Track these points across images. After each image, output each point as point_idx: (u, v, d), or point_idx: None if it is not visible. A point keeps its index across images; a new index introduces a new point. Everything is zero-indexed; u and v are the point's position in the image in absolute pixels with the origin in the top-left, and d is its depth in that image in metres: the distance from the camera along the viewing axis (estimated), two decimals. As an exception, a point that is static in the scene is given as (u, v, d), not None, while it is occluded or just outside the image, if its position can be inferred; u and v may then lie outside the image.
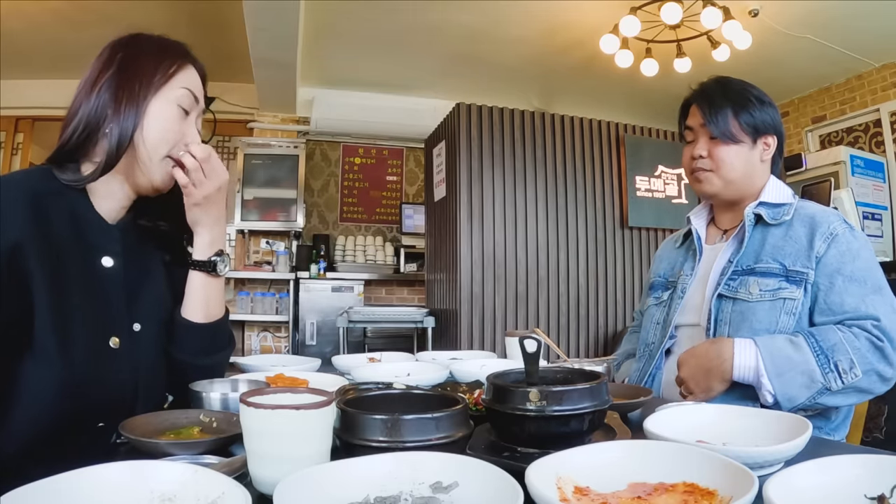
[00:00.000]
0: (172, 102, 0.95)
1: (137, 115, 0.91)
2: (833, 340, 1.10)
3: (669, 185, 3.97)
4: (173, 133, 0.95)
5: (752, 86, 1.34)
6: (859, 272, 1.16)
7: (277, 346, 5.11)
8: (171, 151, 0.95)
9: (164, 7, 3.69)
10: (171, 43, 1.00)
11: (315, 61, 4.47)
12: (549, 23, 3.86)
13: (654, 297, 1.47)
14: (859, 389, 1.09)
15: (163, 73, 0.95)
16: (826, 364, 1.08)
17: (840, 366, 1.08)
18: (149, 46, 0.97)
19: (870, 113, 4.44)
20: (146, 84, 0.93)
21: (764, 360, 1.10)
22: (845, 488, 0.54)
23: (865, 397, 1.12)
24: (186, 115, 0.97)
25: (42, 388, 0.82)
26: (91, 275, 0.91)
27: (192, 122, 0.98)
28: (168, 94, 0.95)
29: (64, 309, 0.85)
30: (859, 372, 1.07)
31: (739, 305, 1.23)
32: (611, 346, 3.67)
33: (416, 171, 5.76)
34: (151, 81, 0.93)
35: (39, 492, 0.52)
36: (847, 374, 1.07)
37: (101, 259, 0.93)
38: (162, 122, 0.94)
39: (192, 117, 0.98)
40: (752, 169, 1.32)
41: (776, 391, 1.09)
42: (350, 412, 0.66)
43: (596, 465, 0.61)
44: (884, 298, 1.15)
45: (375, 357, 1.41)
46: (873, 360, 1.08)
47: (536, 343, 0.77)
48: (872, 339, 1.09)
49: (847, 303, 1.14)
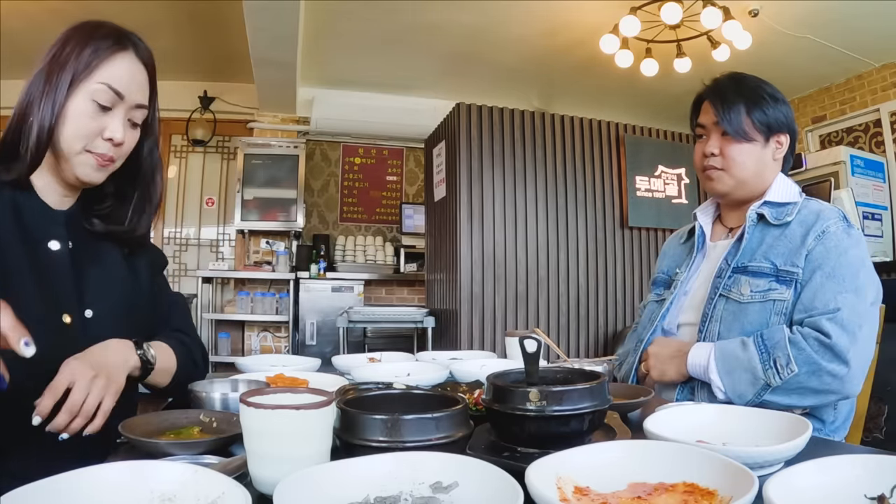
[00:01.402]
0: (88, 98, 0.93)
1: (54, 109, 0.91)
2: (776, 338, 1.11)
3: (669, 185, 3.97)
4: (87, 129, 0.93)
5: (766, 83, 1.31)
6: (840, 269, 1.14)
7: (277, 346, 5.11)
8: (88, 146, 0.94)
9: (165, 7, 3.69)
10: (107, 31, 0.97)
11: (315, 61, 4.47)
12: (550, 23, 3.86)
13: (655, 293, 1.46)
14: (813, 390, 1.08)
15: (85, 65, 0.92)
16: (767, 360, 1.10)
17: (778, 362, 1.09)
18: (83, 35, 0.95)
19: (870, 113, 4.44)
20: (66, 77, 0.92)
21: (715, 359, 1.16)
22: (845, 488, 0.54)
23: (827, 398, 1.11)
24: (105, 110, 0.95)
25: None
26: (38, 258, 0.94)
27: (115, 116, 0.95)
28: (86, 87, 0.93)
29: (12, 291, 0.84)
30: (795, 367, 1.07)
31: (732, 305, 1.23)
32: (611, 346, 3.67)
33: (416, 171, 5.76)
34: (72, 74, 0.92)
35: (39, 492, 0.52)
36: (784, 370, 1.08)
37: (47, 243, 0.96)
38: (75, 118, 0.93)
39: (115, 111, 0.95)
40: (764, 167, 1.29)
41: (725, 388, 1.14)
42: (350, 412, 0.66)
43: (596, 465, 0.61)
44: (858, 298, 1.12)
45: (375, 357, 1.41)
46: (819, 358, 1.07)
47: (536, 343, 0.77)
48: (820, 338, 1.08)
49: (818, 299, 1.13)
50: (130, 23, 1.01)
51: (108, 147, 0.96)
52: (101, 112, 0.94)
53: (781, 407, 1.06)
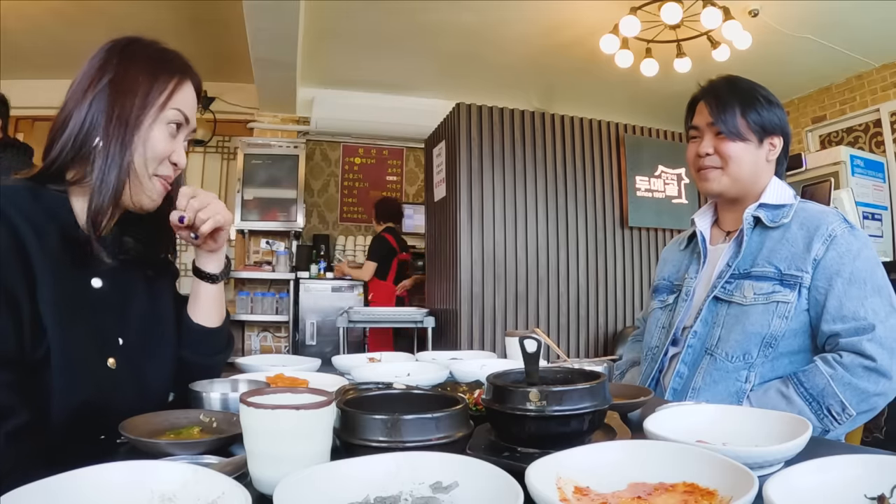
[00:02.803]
0: (163, 123, 0.93)
1: (128, 134, 0.89)
2: (821, 385, 1.11)
3: (669, 185, 3.97)
4: (163, 153, 0.94)
5: (760, 86, 1.33)
6: (859, 272, 1.15)
7: (277, 346, 5.11)
8: (157, 170, 0.94)
9: (165, 7, 3.69)
10: (170, 56, 0.97)
11: (315, 61, 4.47)
12: (550, 23, 3.86)
13: (658, 300, 1.46)
14: (863, 412, 1.11)
15: (159, 92, 0.92)
16: (819, 410, 1.11)
17: (832, 410, 1.10)
18: (145, 58, 0.94)
19: (870, 113, 4.44)
20: (141, 103, 0.90)
21: None
22: (845, 488, 0.54)
23: (874, 413, 1.13)
24: (176, 134, 0.96)
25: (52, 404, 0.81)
26: (84, 296, 0.90)
27: (180, 141, 0.97)
28: (164, 114, 0.93)
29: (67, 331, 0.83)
30: (853, 412, 1.09)
31: (734, 309, 1.23)
32: (611, 346, 3.67)
33: (416, 171, 5.76)
34: (146, 100, 0.91)
35: (39, 492, 0.52)
36: (841, 416, 1.10)
37: (90, 280, 0.92)
38: (153, 143, 0.92)
39: (180, 136, 0.97)
40: (758, 168, 1.30)
41: None
42: (350, 412, 0.66)
43: (596, 465, 0.61)
44: (882, 299, 1.15)
45: (375, 357, 1.41)
46: (867, 385, 1.09)
47: (536, 343, 0.77)
48: (865, 364, 1.09)
49: (846, 307, 1.14)
50: (131, 23, 1.01)
51: (172, 170, 0.97)
52: (175, 136, 0.96)
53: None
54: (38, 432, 0.79)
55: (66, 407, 0.81)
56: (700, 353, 1.26)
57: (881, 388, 1.09)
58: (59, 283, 0.83)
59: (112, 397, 0.88)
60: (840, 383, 1.09)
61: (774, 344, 1.18)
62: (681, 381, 1.28)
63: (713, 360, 1.23)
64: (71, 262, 0.87)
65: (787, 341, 1.18)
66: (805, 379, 1.13)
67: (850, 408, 1.09)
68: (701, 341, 1.27)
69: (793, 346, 1.19)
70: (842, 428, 1.12)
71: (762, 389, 1.17)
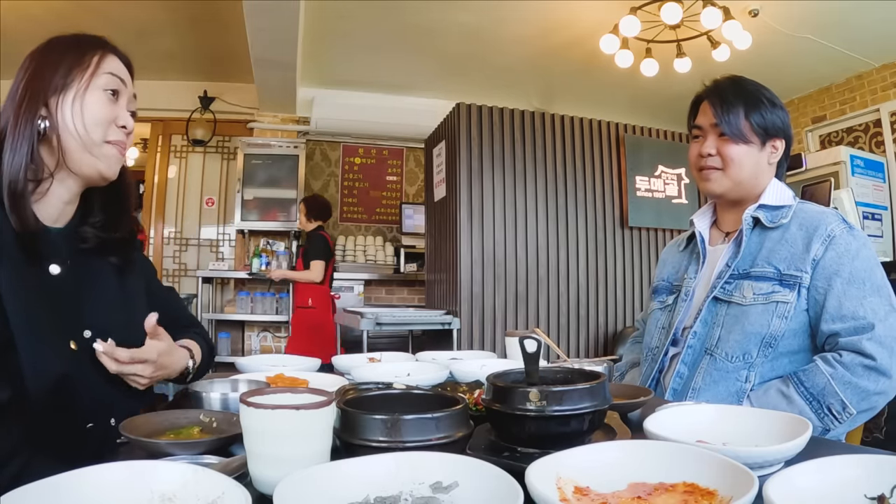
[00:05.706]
0: (99, 89, 0.96)
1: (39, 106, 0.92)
2: (821, 384, 1.11)
3: (669, 185, 3.96)
4: (104, 118, 0.96)
5: (765, 87, 1.33)
6: (858, 272, 1.16)
7: (277, 346, 5.11)
8: (107, 136, 0.97)
9: (165, 7, 3.69)
10: (89, 36, 1.01)
11: (315, 61, 4.47)
12: (550, 23, 3.86)
13: (658, 301, 1.46)
14: (863, 411, 1.11)
15: (84, 65, 0.95)
16: (819, 409, 1.11)
17: (833, 409, 1.10)
18: (62, 45, 0.98)
19: (870, 113, 4.44)
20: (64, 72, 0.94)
21: None
22: (845, 488, 0.54)
23: (874, 412, 1.13)
24: (116, 99, 0.99)
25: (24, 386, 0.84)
26: (42, 282, 0.92)
27: (122, 106, 0.99)
28: (96, 81, 0.96)
29: (26, 317, 0.86)
30: (853, 410, 1.09)
31: (734, 309, 1.23)
32: (611, 346, 3.67)
33: (416, 171, 5.76)
34: (70, 73, 0.94)
35: (39, 492, 0.52)
36: (842, 415, 1.10)
37: (48, 266, 0.94)
38: (90, 108, 0.95)
39: (122, 101, 1.00)
40: (759, 170, 1.31)
41: None
42: (350, 412, 0.66)
43: (596, 465, 0.61)
44: (881, 299, 1.15)
45: (375, 357, 1.41)
46: (867, 383, 1.09)
47: (536, 343, 0.77)
48: (865, 363, 1.09)
49: (845, 306, 1.14)
50: (131, 23, 1.02)
51: (122, 135, 0.99)
52: (114, 101, 0.98)
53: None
54: (20, 409, 0.82)
55: (39, 388, 0.84)
56: (700, 354, 1.26)
57: (881, 387, 1.09)
58: (16, 270, 0.87)
59: (79, 380, 0.90)
60: (840, 382, 1.09)
61: (774, 344, 1.18)
62: (681, 381, 1.28)
63: (713, 360, 1.23)
64: (26, 250, 0.90)
65: (786, 341, 1.18)
66: (805, 378, 1.13)
67: (851, 407, 1.09)
68: (701, 341, 1.27)
69: (792, 345, 1.19)
70: (842, 427, 1.12)
71: (762, 389, 1.17)
